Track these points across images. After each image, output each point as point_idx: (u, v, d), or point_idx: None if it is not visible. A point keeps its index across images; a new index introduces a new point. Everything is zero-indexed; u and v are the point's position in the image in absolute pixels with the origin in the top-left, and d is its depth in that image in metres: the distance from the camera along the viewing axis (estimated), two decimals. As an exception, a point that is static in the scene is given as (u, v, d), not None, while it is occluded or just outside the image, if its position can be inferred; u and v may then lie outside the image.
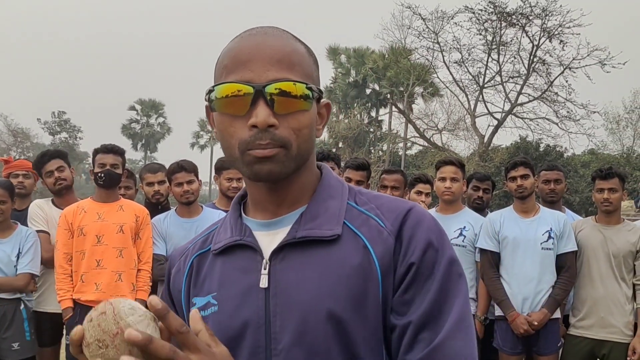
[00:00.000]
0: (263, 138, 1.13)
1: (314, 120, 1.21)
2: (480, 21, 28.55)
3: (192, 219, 4.63)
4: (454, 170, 4.78)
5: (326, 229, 1.20)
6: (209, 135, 60.64)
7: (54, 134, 59.72)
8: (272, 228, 1.24)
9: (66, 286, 4.38)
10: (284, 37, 1.20)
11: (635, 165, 34.77)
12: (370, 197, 1.28)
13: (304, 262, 1.18)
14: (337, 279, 1.15)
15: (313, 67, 1.23)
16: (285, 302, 1.16)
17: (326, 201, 1.24)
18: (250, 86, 1.13)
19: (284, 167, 1.16)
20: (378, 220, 1.21)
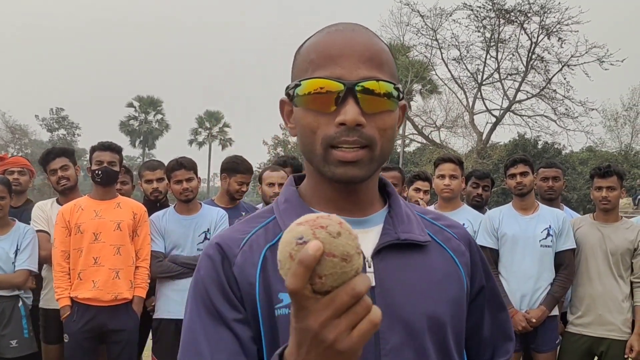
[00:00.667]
0: (350, 135, 1.11)
1: (396, 122, 1.19)
2: (478, 18, 28.59)
3: (191, 216, 4.63)
4: (452, 168, 4.78)
5: (419, 234, 1.22)
6: (207, 132, 60.67)
7: (52, 131, 59.65)
8: (360, 226, 1.21)
9: (64, 284, 4.37)
10: (371, 35, 1.18)
11: (633, 163, 34.82)
12: (422, 209, 1.37)
13: (403, 264, 1.19)
14: (435, 284, 1.19)
15: (395, 68, 1.21)
16: (391, 303, 1.14)
17: (403, 207, 1.27)
18: (341, 83, 1.10)
19: (368, 170, 1.15)
20: (454, 235, 1.30)
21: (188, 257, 4.52)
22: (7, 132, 51.83)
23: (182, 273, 4.48)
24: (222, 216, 4.67)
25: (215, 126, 61.00)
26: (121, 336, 4.39)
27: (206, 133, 61.00)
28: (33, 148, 52.79)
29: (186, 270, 4.48)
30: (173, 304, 4.48)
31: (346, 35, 1.15)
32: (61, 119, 59.92)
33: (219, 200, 5.10)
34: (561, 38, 27.74)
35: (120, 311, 4.39)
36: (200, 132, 61.04)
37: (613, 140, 41.79)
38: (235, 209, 4.99)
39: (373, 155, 1.14)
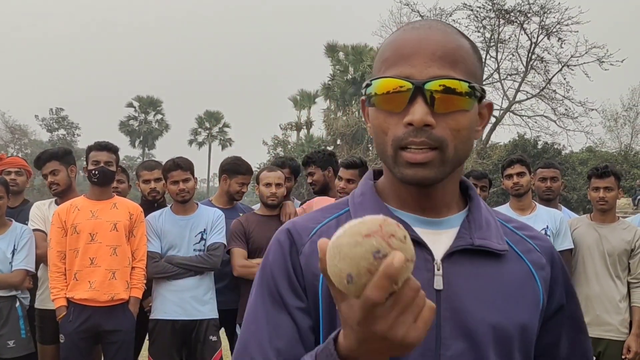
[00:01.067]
0: (418, 136, 1.08)
1: (474, 122, 1.14)
2: (478, 18, 28.62)
3: (188, 217, 4.62)
4: None
5: (495, 242, 1.17)
6: (207, 132, 60.66)
7: (52, 131, 59.60)
8: (435, 227, 1.19)
9: (60, 285, 4.37)
10: (449, 32, 1.14)
11: (632, 163, 34.79)
12: (505, 217, 1.31)
13: (475, 271, 1.15)
14: (507, 295, 1.15)
15: (477, 65, 1.16)
16: (457, 308, 1.12)
17: (484, 213, 1.22)
18: (410, 82, 1.08)
19: (439, 172, 1.11)
20: (535, 247, 1.25)
21: (184, 257, 4.50)
22: (6, 132, 51.85)
23: (178, 274, 4.47)
24: (218, 216, 4.66)
25: (215, 126, 60.98)
26: (117, 337, 4.38)
27: (206, 133, 60.98)
28: (33, 148, 52.77)
29: (182, 271, 4.47)
30: (169, 304, 4.47)
31: (421, 32, 1.12)
32: (61, 119, 59.87)
33: (217, 201, 5.09)
34: (561, 38, 27.80)
35: (117, 312, 4.38)
36: (200, 132, 61.02)
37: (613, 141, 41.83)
38: (232, 210, 4.99)
39: (444, 156, 1.10)
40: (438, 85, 1.07)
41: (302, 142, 46.52)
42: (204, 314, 4.50)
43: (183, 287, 4.47)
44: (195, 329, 4.49)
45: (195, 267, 4.48)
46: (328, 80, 45.89)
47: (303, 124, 49.44)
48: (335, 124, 40.42)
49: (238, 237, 4.57)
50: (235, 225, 4.63)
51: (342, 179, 4.60)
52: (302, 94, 49.56)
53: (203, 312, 4.50)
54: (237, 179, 4.97)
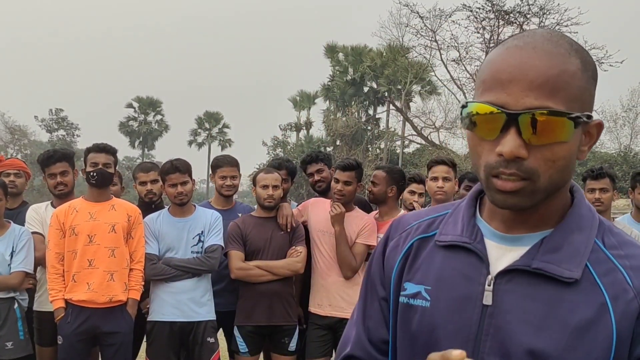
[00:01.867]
0: (508, 167, 1.06)
1: (574, 149, 1.10)
2: (478, 19, 28.58)
3: (185, 218, 4.62)
4: (445, 170, 4.78)
5: (565, 268, 1.11)
6: (207, 133, 60.64)
7: (52, 132, 59.55)
8: (508, 243, 1.17)
9: (58, 286, 4.37)
10: (554, 52, 1.07)
11: (632, 164, 34.77)
12: (621, 240, 1.16)
13: (531, 294, 1.11)
14: (561, 327, 1.08)
15: (585, 87, 1.10)
16: (501, 327, 1.12)
17: (573, 233, 1.14)
18: (504, 112, 1.05)
19: (530, 200, 1.10)
20: (625, 275, 1.10)
21: (182, 259, 4.50)
22: (6, 133, 51.79)
23: (176, 275, 4.47)
24: (216, 218, 4.65)
25: (215, 127, 60.92)
26: (115, 338, 4.39)
27: (206, 134, 60.90)
28: (32, 149, 52.70)
29: (180, 273, 4.47)
30: (167, 306, 4.47)
31: (523, 55, 1.07)
32: (60, 119, 59.83)
33: (215, 203, 5.08)
34: (560, 39, 27.76)
35: (115, 313, 4.39)
36: (199, 133, 60.94)
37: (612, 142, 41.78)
38: (231, 211, 4.98)
39: (535, 186, 1.08)
40: (533, 117, 1.04)
41: (302, 143, 46.51)
42: (202, 316, 4.51)
43: (180, 289, 4.47)
44: (192, 330, 4.49)
45: (193, 269, 4.48)
46: (328, 81, 45.91)
47: (303, 125, 49.44)
48: (334, 124, 40.40)
49: (235, 239, 4.57)
50: (232, 227, 4.63)
51: (339, 181, 4.60)
52: (302, 95, 49.57)
53: (200, 313, 4.50)
54: (218, 173, 4.95)
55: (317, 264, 4.67)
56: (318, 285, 4.67)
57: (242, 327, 4.58)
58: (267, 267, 4.52)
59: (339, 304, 4.56)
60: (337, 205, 4.54)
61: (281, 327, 4.59)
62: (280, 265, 4.55)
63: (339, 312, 4.55)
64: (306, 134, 49.14)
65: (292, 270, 4.58)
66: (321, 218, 4.69)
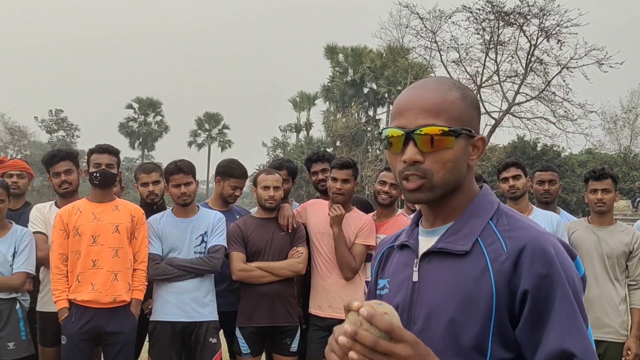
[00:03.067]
0: (410, 170, 1.48)
1: (459, 155, 1.48)
2: (478, 20, 28.60)
3: (189, 219, 4.62)
4: None
5: (460, 245, 1.48)
6: (207, 133, 60.63)
7: (51, 132, 59.56)
8: (430, 235, 1.56)
9: (62, 286, 4.38)
10: (438, 88, 1.50)
11: (632, 165, 34.82)
12: (512, 221, 1.50)
13: (440, 268, 1.50)
14: (457, 287, 1.44)
15: (464, 111, 1.50)
16: (423, 296, 1.50)
17: (470, 219, 1.52)
18: (403, 131, 1.47)
19: (430, 194, 1.49)
20: (502, 243, 1.45)
21: (185, 259, 4.51)
22: (6, 134, 51.83)
23: (178, 276, 4.48)
24: (219, 219, 4.65)
25: (215, 128, 60.93)
26: (118, 338, 4.39)
27: (205, 135, 60.90)
28: (32, 149, 52.78)
29: (183, 273, 4.48)
30: (170, 306, 4.48)
31: (415, 92, 1.51)
32: (60, 120, 59.83)
33: (213, 204, 5.07)
34: (560, 40, 27.75)
35: (118, 313, 4.39)
36: (199, 134, 60.95)
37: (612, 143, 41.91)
38: (228, 213, 4.97)
39: (432, 183, 1.47)
40: (422, 131, 1.45)
41: (302, 144, 46.53)
42: (204, 316, 4.51)
43: (183, 289, 4.48)
44: (195, 331, 4.49)
45: (195, 269, 4.49)
46: (327, 82, 45.92)
47: (302, 126, 49.48)
48: (334, 125, 40.44)
49: (236, 240, 4.58)
50: (233, 228, 4.64)
51: (337, 179, 4.59)
52: (302, 96, 49.61)
53: (203, 314, 4.51)
54: (230, 182, 4.94)
55: (317, 265, 4.67)
56: (318, 287, 4.67)
57: (243, 328, 4.58)
58: (269, 268, 4.53)
59: (339, 305, 4.55)
60: (337, 206, 4.54)
61: (283, 328, 4.59)
62: (281, 266, 4.56)
63: (339, 313, 4.55)
64: (306, 135, 49.18)
65: (293, 271, 4.59)
66: (320, 219, 4.70)
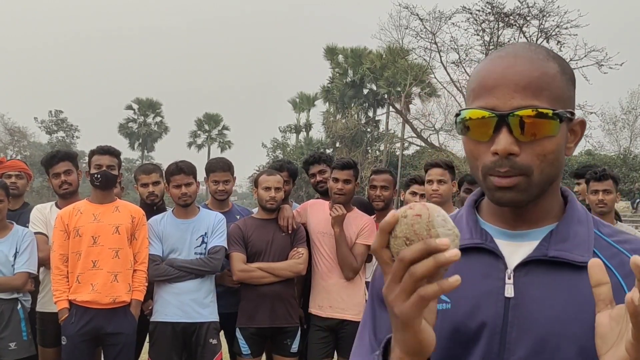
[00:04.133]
0: (503, 165, 1.15)
1: (562, 144, 1.19)
2: (477, 22, 28.65)
3: (189, 220, 4.63)
4: (440, 172, 4.78)
5: (577, 254, 1.18)
6: (206, 134, 60.63)
7: (51, 133, 59.55)
8: (517, 239, 1.24)
9: (62, 287, 4.39)
10: (535, 58, 1.18)
11: (631, 166, 34.82)
12: (614, 230, 1.26)
13: (550, 281, 1.18)
14: (585, 307, 1.11)
15: (565, 87, 1.19)
16: (525, 316, 1.16)
17: (575, 225, 1.23)
18: (494, 113, 1.14)
19: (527, 195, 1.18)
20: (622, 250, 1.19)
21: (185, 260, 4.52)
22: (5, 134, 51.80)
23: (178, 276, 4.49)
24: (219, 220, 4.66)
25: (215, 129, 60.89)
26: (118, 339, 4.41)
27: (205, 136, 60.86)
28: (32, 150, 52.76)
29: (183, 274, 4.49)
30: (170, 307, 4.49)
31: (505, 63, 1.17)
32: (60, 121, 59.81)
33: (212, 205, 5.07)
34: (560, 42, 27.80)
35: (118, 314, 4.41)
36: (199, 135, 60.89)
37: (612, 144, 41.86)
38: (228, 214, 4.98)
39: (530, 181, 1.16)
40: (521, 115, 1.13)
41: (302, 145, 46.57)
42: (205, 317, 4.52)
43: (184, 289, 4.49)
44: (195, 331, 4.50)
45: (196, 270, 4.50)
46: (327, 83, 45.96)
47: (302, 127, 49.51)
48: (334, 126, 40.48)
49: (237, 241, 4.59)
50: (234, 229, 4.65)
51: (339, 180, 4.61)
52: (302, 97, 49.63)
53: (203, 314, 4.52)
54: (211, 178, 4.94)
55: (318, 265, 4.68)
56: (319, 287, 4.68)
57: (244, 329, 4.59)
58: (269, 269, 4.54)
59: (340, 305, 4.58)
60: (338, 207, 4.55)
61: (283, 329, 4.60)
62: (282, 267, 4.57)
63: (340, 313, 4.57)
64: (306, 135, 49.21)
65: (294, 271, 4.60)
66: (321, 219, 4.71)
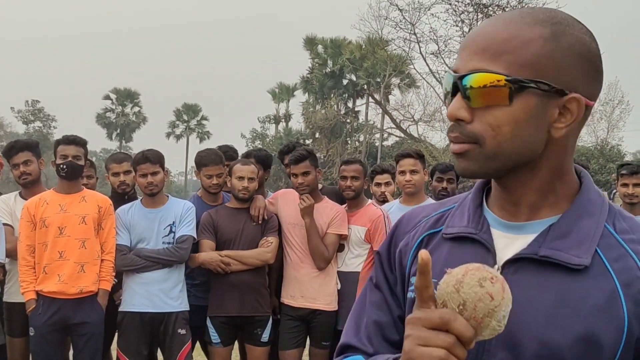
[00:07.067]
0: (454, 130, 1.07)
1: (523, 116, 1.03)
2: (456, 12, 28.67)
3: (157, 209, 4.61)
4: (412, 163, 4.80)
5: (573, 255, 1.06)
6: (185, 125, 60.36)
7: (28, 123, 59.03)
8: (514, 231, 1.13)
9: (29, 278, 4.37)
10: (515, 20, 1.06)
11: (609, 157, 35.17)
12: (633, 224, 1.10)
13: (540, 282, 1.06)
14: (572, 314, 1.03)
15: (547, 56, 1.03)
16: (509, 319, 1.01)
17: (582, 218, 1.09)
18: (451, 76, 1.08)
19: (480, 166, 1.08)
20: (637, 261, 1.05)
21: (152, 250, 4.50)
22: (-18, 124, 51.23)
23: (145, 266, 4.47)
24: (188, 208, 4.63)
25: (193, 119, 60.62)
26: (86, 329, 4.39)
27: (184, 126, 60.62)
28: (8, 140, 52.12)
29: (150, 264, 4.47)
30: (138, 297, 4.48)
31: (483, 24, 1.09)
32: (37, 111, 59.28)
33: (205, 197, 4.99)
34: (538, 33, 27.96)
35: (85, 304, 4.40)
36: (178, 125, 60.59)
37: (589, 135, 42.25)
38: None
39: (482, 151, 1.06)
40: (470, 78, 1.04)
41: (281, 136, 46.50)
42: (173, 307, 4.50)
43: (151, 279, 4.47)
44: (163, 322, 4.49)
45: (162, 259, 4.48)
46: (307, 74, 45.85)
47: (281, 117, 49.42)
48: (313, 117, 40.42)
49: (207, 229, 4.60)
50: (205, 217, 4.65)
51: (297, 175, 4.56)
52: (281, 87, 49.52)
53: (172, 305, 4.50)
54: (204, 172, 4.87)
55: (289, 256, 4.68)
56: (290, 277, 4.68)
57: (214, 317, 4.59)
58: (237, 257, 4.53)
59: (312, 295, 4.58)
60: (306, 197, 4.54)
61: (253, 318, 4.60)
62: (249, 255, 4.56)
63: (312, 303, 4.58)
64: (285, 126, 49.12)
65: (261, 260, 4.59)
66: (291, 210, 4.70)
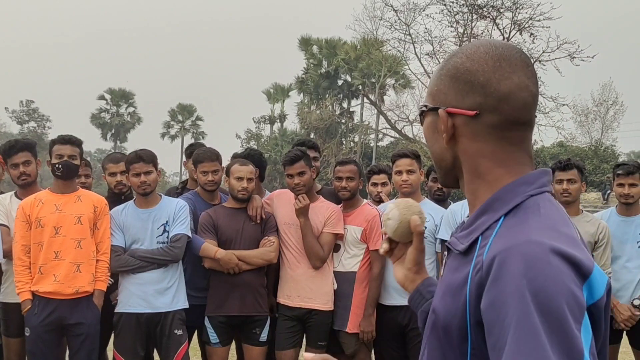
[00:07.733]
0: None
1: (429, 133, 1.36)
2: (451, 13, 28.73)
3: (150, 209, 4.58)
4: (408, 163, 4.78)
5: (460, 242, 1.29)
6: (180, 125, 60.26)
7: (22, 123, 58.88)
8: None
9: (25, 278, 4.35)
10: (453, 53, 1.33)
11: (603, 158, 35.26)
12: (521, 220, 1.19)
13: (448, 264, 1.34)
14: (447, 286, 1.28)
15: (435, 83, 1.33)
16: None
17: (483, 214, 1.26)
18: None
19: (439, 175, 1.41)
20: (487, 248, 1.18)
21: (146, 250, 4.48)
22: (-25, 125, 51.06)
23: (140, 267, 4.45)
24: (181, 207, 4.61)
25: (188, 119, 60.56)
26: (81, 329, 4.37)
27: (179, 126, 60.53)
28: (3, 140, 51.98)
29: (144, 264, 4.45)
30: (134, 297, 4.45)
31: None
32: (31, 111, 59.14)
33: (203, 195, 4.94)
34: (533, 34, 27.96)
35: (81, 304, 4.37)
36: (172, 125, 60.52)
37: (583, 136, 42.45)
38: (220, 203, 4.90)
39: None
40: None
41: (276, 136, 46.48)
42: (169, 307, 4.48)
43: (147, 280, 4.45)
44: (160, 322, 4.47)
45: (157, 260, 4.46)
46: (302, 74, 45.87)
47: (276, 118, 49.39)
48: (308, 117, 40.45)
49: (208, 228, 4.58)
50: (204, 217, 4.63)
51: (293, 175, 4.55)
52: (276, 88, 49.49)
53: (168, 305, 4.48)
54: (200, 168, 4.82)
55: (285, 256, 4.67)
56: (287, 277, 4.67)
57: (212, 317, 4.58)
58: (242, 256, 4.52)
59: (308, 295, 4.57)
60: (301, 197, 4.52)
61: (252, 318, 4.59)
62: (254, 254, 4.55)
63: (308, 303, 4.57)
64: (280, 126, 49.11)
65: (265, 259, 4.58)
66: (287, 211, 4.69)
